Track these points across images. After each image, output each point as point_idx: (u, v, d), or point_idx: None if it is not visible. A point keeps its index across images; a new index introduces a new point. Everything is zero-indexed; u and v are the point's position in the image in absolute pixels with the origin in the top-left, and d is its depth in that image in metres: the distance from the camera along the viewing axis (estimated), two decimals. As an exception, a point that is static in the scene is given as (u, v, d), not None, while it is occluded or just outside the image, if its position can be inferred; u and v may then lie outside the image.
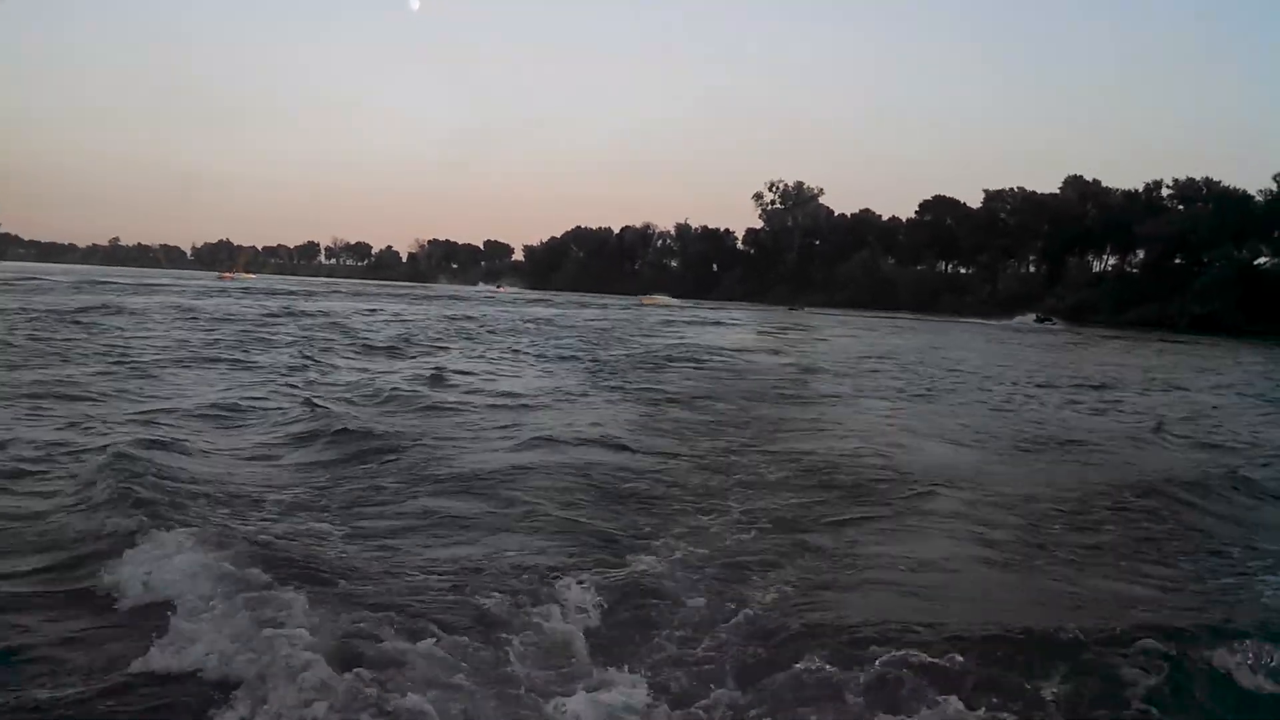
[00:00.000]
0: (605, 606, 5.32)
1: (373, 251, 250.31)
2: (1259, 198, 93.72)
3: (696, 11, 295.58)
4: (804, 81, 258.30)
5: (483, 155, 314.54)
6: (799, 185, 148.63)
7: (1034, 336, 59.07)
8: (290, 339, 25.82)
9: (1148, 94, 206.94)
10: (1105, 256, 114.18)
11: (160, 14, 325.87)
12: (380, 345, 25.56)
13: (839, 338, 44.42)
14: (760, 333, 45.69)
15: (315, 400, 12.85)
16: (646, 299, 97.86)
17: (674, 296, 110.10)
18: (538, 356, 24.08)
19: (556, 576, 5.71)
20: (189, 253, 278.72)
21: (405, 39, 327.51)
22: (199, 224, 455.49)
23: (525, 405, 13.99)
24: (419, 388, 15.41)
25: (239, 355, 20.15)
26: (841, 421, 13.90)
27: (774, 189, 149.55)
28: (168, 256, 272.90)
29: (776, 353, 30.12)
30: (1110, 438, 13.43)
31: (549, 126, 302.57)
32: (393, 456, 9.41)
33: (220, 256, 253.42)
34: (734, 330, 46.04)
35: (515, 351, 25.42)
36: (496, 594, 5.35)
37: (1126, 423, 15.71)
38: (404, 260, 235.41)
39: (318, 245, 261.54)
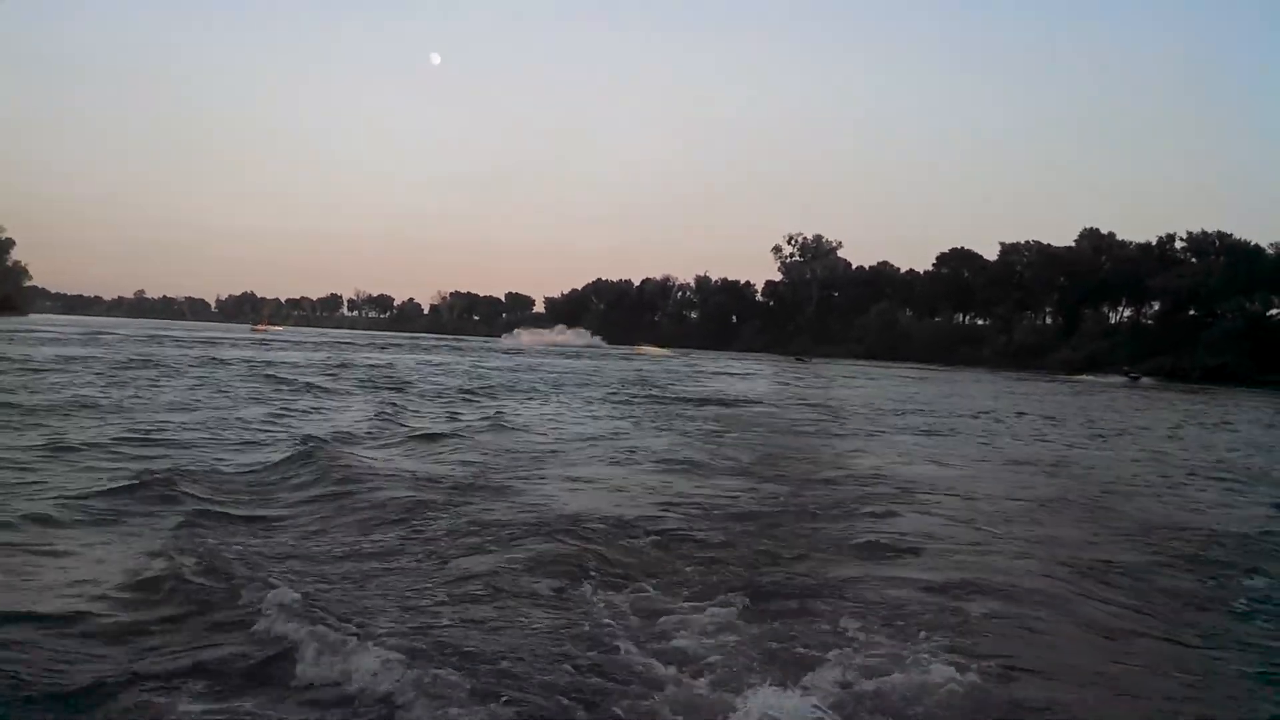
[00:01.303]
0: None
1: (395, 303, 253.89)
2: (1270, 250, 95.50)
3: (713, 62, 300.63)
4: (823, 135, 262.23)
5: (501, 207, 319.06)
6: (818, 238, 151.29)
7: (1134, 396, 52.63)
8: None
9: (1162, 146, 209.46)
10: (1120, 308, 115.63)
11: (178, 65, 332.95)
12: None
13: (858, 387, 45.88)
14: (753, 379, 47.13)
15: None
16: (638, 349, 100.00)
17: (689, 348, 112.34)
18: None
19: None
20: (213, 305, 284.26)
21: (423, 89, 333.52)
22: (222, 276, 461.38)
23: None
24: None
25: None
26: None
27: (793, 242, 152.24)
28: (192, 309, 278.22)
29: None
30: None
31: (569, 178, 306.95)
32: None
33: (244, 308, 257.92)
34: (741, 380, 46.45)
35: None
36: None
37: None
38: (425, 312, 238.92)
39: (340, 297, 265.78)
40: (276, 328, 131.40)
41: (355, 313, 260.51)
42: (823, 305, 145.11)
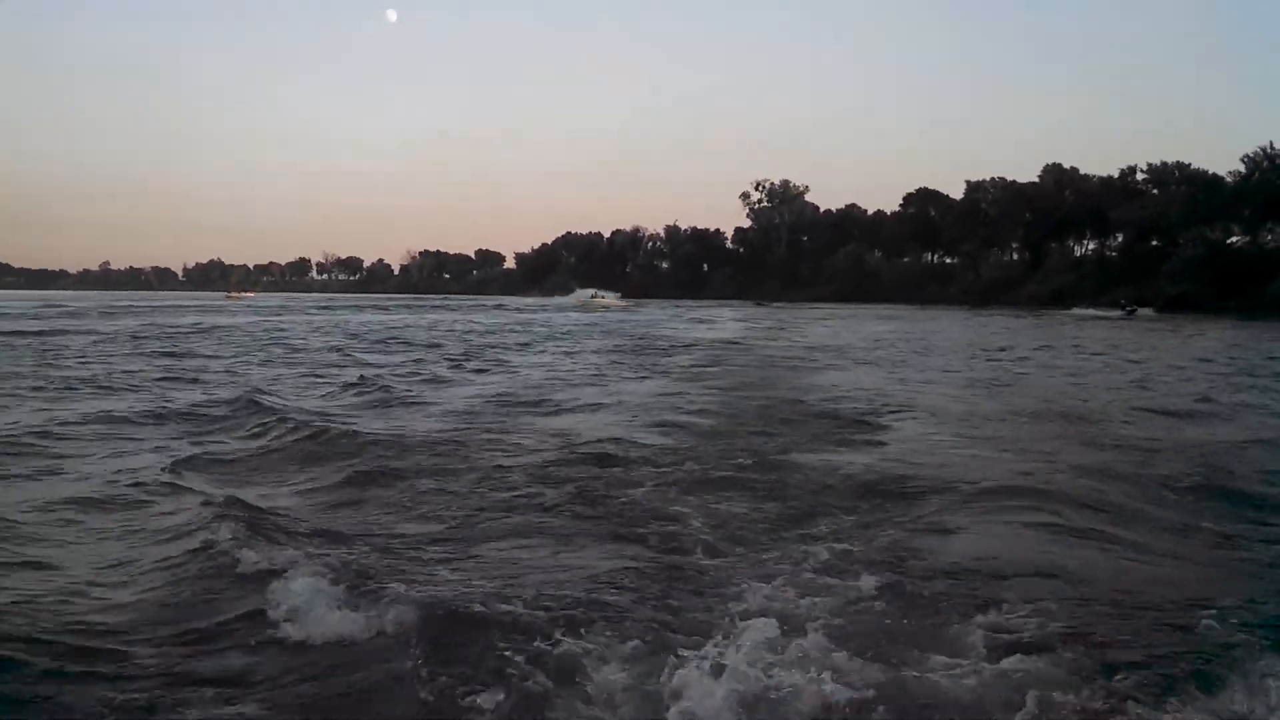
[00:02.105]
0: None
1: (364, 265, 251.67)
2: (1229, 179, 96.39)
3: (675, 14, 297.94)
4: (787, 81, 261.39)
5: (468, 163, 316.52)
6: (785, 184, 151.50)
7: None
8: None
9: (1122, 81, 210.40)
10: (1085, 242, 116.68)
11: (141, 31, 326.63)
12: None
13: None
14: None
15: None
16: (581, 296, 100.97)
17: (663, 298, 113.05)
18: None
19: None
20: (180, 274, 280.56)
21: (383, 50, 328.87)
22: (187, 245, 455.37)
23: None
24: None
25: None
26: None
27: (760, 188, 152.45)
28: (160, 278, 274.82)
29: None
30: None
31: (533, 132, 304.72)
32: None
33: (212, 276, 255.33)
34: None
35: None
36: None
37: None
38: (396, 273, 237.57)
39: (309, 261, 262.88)
40: (249, 294, 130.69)
41: (325, 276, 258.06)
42: (792, 250, 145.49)
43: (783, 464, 9.15)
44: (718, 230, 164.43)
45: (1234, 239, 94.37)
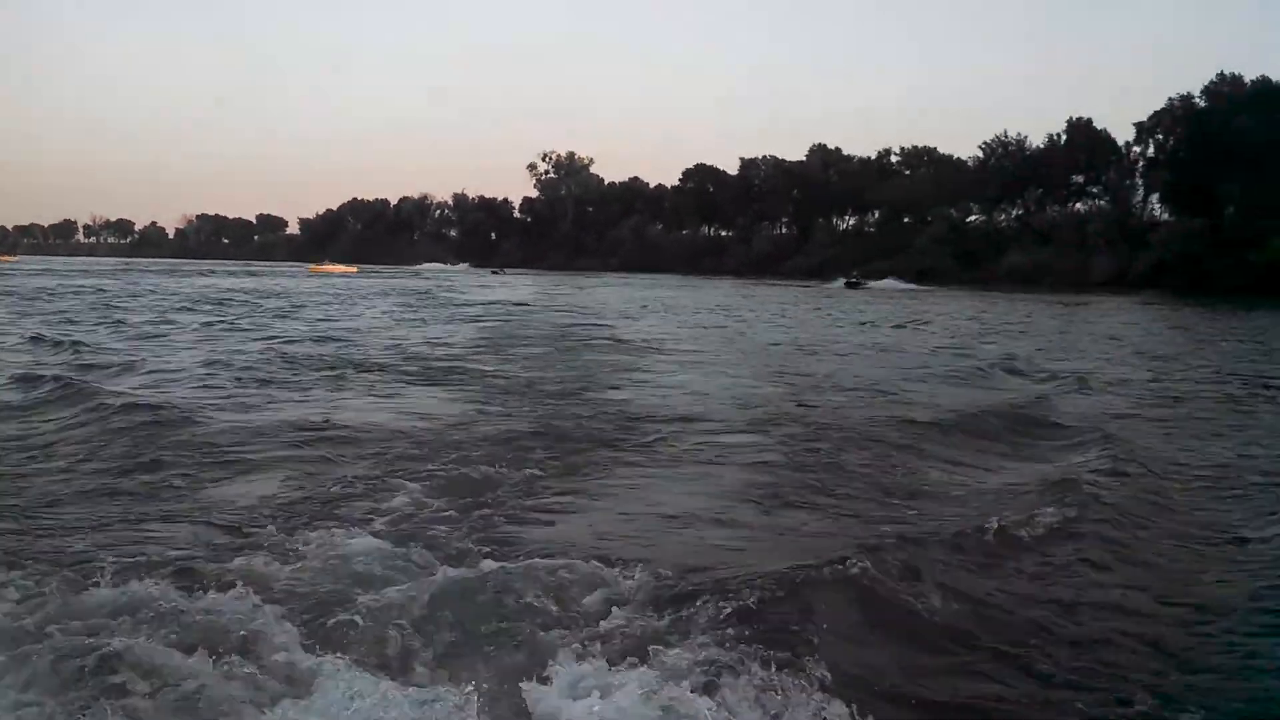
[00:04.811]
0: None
1: (136, 228, 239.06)
2: (970, 164, 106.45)
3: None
4: (578, 54, 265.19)
5: (248, 121, 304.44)
6: (570, 155, 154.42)
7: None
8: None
9: (878, 67, 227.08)
10: (847, 217, 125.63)
11: None
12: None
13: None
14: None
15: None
16: (315, 266, 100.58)
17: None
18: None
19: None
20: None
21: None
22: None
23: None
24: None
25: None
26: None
27: (547, 159, 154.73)
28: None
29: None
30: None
31: (318, 90, 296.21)
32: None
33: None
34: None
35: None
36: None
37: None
38: (171, 236, 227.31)
39: (75, 223, 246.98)
40: (9, 259, 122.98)
41: (93, 239, 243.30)
42: (578, 220, 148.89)
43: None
44: (506, 199, 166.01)
45: (972, 218, 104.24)
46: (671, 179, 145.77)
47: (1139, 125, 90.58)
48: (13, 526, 6.04)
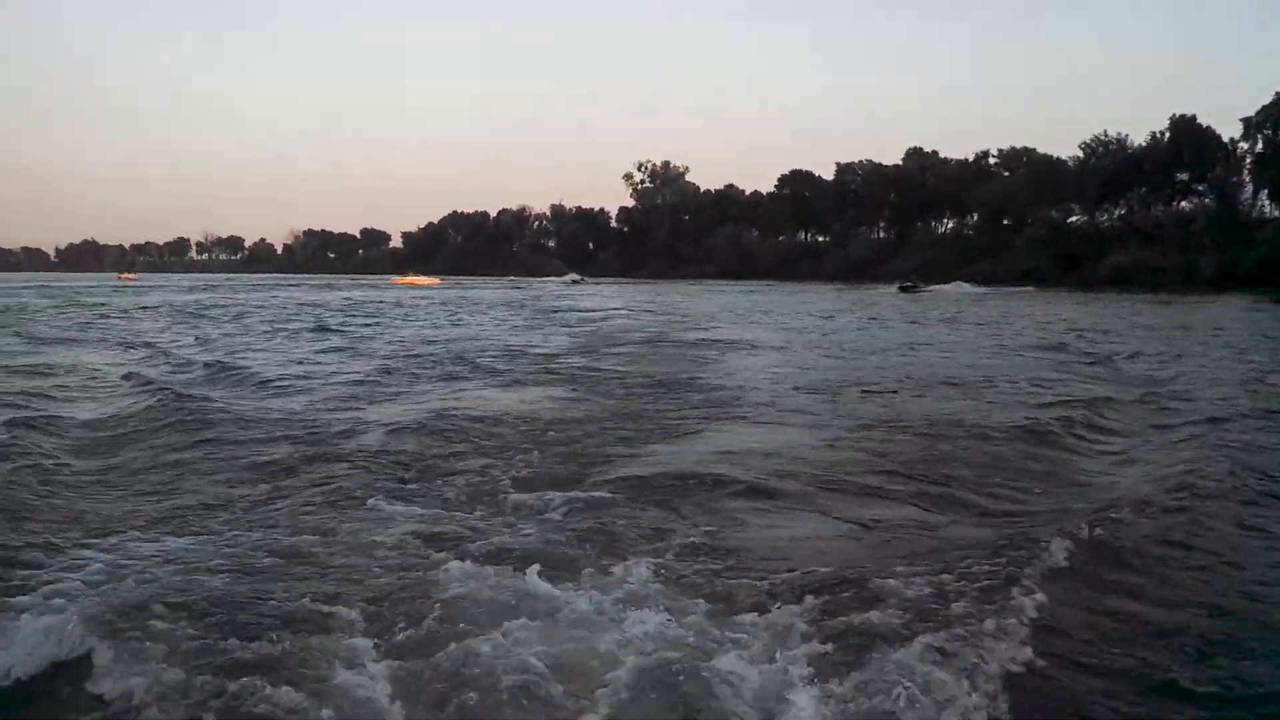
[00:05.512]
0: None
1: (246, 245, 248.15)
2: (1070, 164, 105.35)
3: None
4: (669, 64, 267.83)
5: (352, 141, 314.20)
6: (666, 164, 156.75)
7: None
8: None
9: (979, 69, 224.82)
10: (945, 220, 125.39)
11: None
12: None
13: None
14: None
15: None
16: (396, 278, 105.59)
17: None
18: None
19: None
20: (52, 254, 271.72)
21: (258, 23, 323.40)
22: (58, 224, 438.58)
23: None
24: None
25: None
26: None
27: (643, 169, 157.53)
28: (30, 259, 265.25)
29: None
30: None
31: (418, 111, 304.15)
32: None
33: (86, 257, 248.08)
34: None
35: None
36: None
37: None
38: (279, 252, 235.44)
39: (188, 241, 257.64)
40: (130, 276, 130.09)
41: (205, 256, 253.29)
42: (674, 229, 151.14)
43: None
44: (602, 210, 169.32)
45: (1074, 219, 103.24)
46: (766, 185, 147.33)
47: (1246, 121, 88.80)
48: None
